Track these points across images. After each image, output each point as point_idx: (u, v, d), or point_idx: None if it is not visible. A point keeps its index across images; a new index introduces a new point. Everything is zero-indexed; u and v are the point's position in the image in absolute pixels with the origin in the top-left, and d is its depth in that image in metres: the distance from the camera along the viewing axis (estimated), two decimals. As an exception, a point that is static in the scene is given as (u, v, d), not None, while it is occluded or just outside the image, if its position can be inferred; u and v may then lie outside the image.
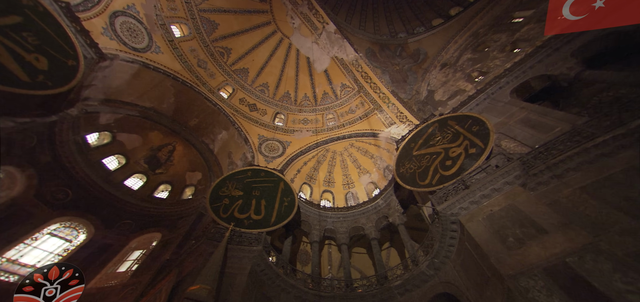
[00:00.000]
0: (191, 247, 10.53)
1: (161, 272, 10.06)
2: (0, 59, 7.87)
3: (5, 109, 8.77)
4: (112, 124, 13.74)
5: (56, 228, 12.02)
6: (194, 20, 17.85)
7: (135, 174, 15.26)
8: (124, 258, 12.67)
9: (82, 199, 12.42)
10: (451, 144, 11.46)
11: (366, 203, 15.12)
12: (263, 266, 9.94)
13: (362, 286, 10.73)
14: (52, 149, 11.24)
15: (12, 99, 8.59)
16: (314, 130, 18.82)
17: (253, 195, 12.52)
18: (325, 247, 14.74)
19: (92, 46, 11.04)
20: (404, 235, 12.36)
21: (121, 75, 13.07)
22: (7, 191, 10.62)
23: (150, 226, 13.97)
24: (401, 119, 17.41)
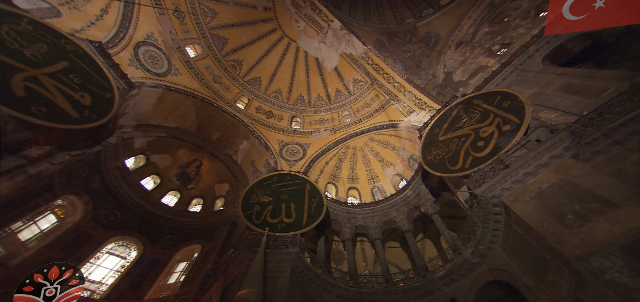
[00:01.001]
0: (232, 254, 10.87)
1: (207, 281, 10.55)
2: (56, 101, 8.72)
3: (62, 144, 9.56)
4: (145, 147, 14.50)
5: (112, 247, 13.11)
6: (206, 38, 18.36)
7: (170, 192, 16.04)
8: (171, 270, 13.54)
9: (129, 219, 13.42)
10: (480, 123, 10.89)
11: (394, 196, 14.78)
12: (302, 267, 10.02)
13: (403, 280, 10.46)
14: (100, 176, 12.21)
15: (66, 135, 9.39)
16: (331, 129, 18.71)
17: (282, 199, 12.66)
18: (358, 244, 14.59)
19: (123, 77, 11.81)
20: (439, 224, 11.93)
21: (148, 100, 13.75)
22: (72, 217, 11.87)
23: (190, 238, 14.67)
24: (420, 105, 16.83)
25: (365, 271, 13.64)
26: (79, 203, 11.98)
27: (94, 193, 12.36)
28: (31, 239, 10.48)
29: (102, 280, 12.01)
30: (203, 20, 18.07)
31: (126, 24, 13.42)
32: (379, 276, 11.04)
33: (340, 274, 10.99)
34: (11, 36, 8.39)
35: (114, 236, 12.99)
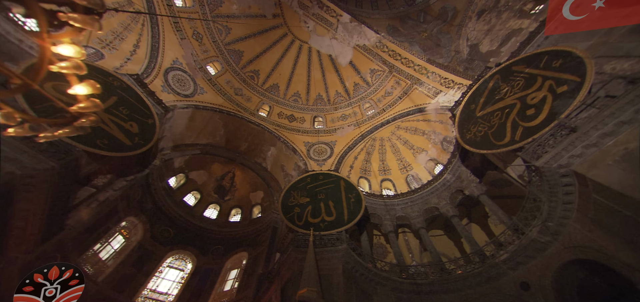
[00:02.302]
0: (282, 257, 10.92)
1: (262, 285, 10.86)
2: (113, 132, 9.61)
3: (119, 171, 10.24)
4: (183, 166, 15.12)
5: (170, 261, 14.03)
6: (223, 55, 18.75)
7: (210, 205, 16.61)
8: (225, 278, 14.13)
9: (180, 234, 14.31)
10: (526, 90, 9.91)
11: (432, 182, 14.00)
12: (352, 263, 9.79)
13: (460, 267, 9.76)
14: (151, 197, 13.04)
15: (121, 162, 10.09)
16: (354, 123, 18.26)
17: (319, 199, 12.49)
18: (400, 235, 13.98)
19: (159, 103, 12.56)
20: (489, 205, 11.06)
21: (180, 121, 14.32)
22: (135, 236, 12.92)
23: (236, 247, 15.18)
24: (447, 84, 15.84)
25: (412, 262, 13.01)
26: (139, 223, 12.96)
27: (148, 213, 13.26)
28: (109, 258, 11.62)
29: (168, 291, 12.96)
30: (219, 37, 18.50)
31: (155, 54, 14.14)
32: (432, 266, 10.42)
33: (391, 267, 10.53)
34: None
35: (170, 250, 13.83)
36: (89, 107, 3.29)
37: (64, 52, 2.89)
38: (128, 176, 10.98)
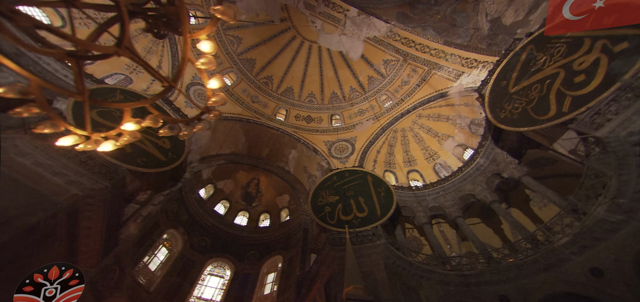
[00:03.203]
0: (320, 257, 10.64)
1: (302, 286, 10.80)
2: (149, 150, 10.13)
3: (156, 187, 10.49)
4: (211, 177, 15.31)
5: (211, 269, 14.33)
6: (237, 65, 18.83)
7: (239, 213, 16.74)
8: (263, 282, 14.24)
9: (216, 242, 14.64)
10: (571, 56, 8.88)
11: (463, 168, 13.09)
12: (393, 258, 9.33)
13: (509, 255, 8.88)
14: (186, 209, 13.37)
15: (157, 178, 10.30)
16: (373, 117, 17.63)
17: (348, 196, 12.05)
18: (435, 227, 13.16)
19: (184, 118, 12.56)
20: (533, 186, 10.10)
21: (205, 134, 14.51)
22: (176, 247, 13.37)
23: (270, 251, 15.24)
24: (469, 65, 14.82)
25: (452, 253, 12.17)
26: (178, 235, 13.37)
27: (185, 224, 13.68)
28: (157, 268, 12.12)
29: (212, 298, 13.26)
30: (231, 49, 18.60)
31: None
32: (477, 255, 9.60)
33: (431, 260, 9.85)
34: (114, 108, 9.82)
35: (209, 258, 14.10)
36: (218, 101, 3.60)
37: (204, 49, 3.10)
38: (164, 191, 11.35)
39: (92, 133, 3.20)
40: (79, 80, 2.75)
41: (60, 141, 3.07)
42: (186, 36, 2.80)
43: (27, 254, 6.30)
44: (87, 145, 3.19)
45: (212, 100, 3.59)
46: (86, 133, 3.13)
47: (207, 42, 3.09)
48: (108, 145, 3.32)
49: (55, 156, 7.40)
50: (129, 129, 3.40)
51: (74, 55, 2.64)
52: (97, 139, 3.26)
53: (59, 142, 3.07)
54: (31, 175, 6.79)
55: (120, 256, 8.98)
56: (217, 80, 3.52)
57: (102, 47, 2.64)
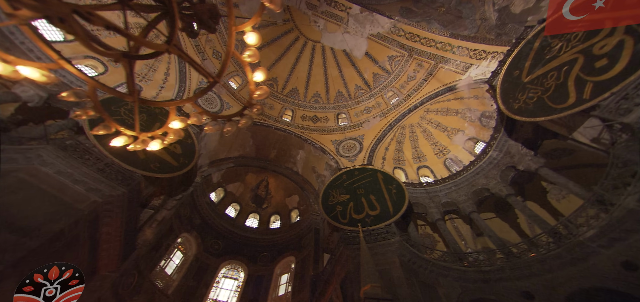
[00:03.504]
0: (334, 256, 10.56)
1: (317, 286, 10.76)
2: (161, 156, 10.21)
3: (169, 191, 10.52)
4: (221, 180, 15.31)
5: (225, 271, 14.38)
6: (242, 68, 18.69)
7: (250, 215, 16.72)
8: (277, 284, 14.17)
9: (229, 245, 14.68)
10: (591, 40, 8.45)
11: (475, 162, 12.69)
12: (408, 255, 9.10)
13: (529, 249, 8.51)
14: (198, 213, 13.42)
15: (169, 183, 10.32)
16: (380, 114, 17.33)
17: (358, 194, 11.83)
18: (448, 223, 12.80)
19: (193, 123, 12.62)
20: (552, 178, 9.70)
21: (213, 137, 14.47)
22: (190, 251, 13.39)
23: (282, 252, 15.21)
24: (478, 56, 14.40)
25: (467, 249, 11.79)
26: (191, 238, 13.43)
27: (198, 228, 13.78)
28: (173, 272, 12.20)
29: (227, 300, 13.29)
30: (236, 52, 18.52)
31: (183, 78, 14.51)
32: (495, 251, 9.23)
33: (447, 256, 9.55)
34: (126, 114, 10.15)
35: (223, 261, 14.13)
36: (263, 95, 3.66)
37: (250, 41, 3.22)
38: (177, 195, 11.33)
39: (140, 133, 3.38)
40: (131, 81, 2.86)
41: (113, 142, 3.30)
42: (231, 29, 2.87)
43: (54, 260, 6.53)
44: (136, 145, 3.36)
45: (256, 93, 3.65)
46: (135, 133, 3.33)
47: (253, 34, 3.19)
48: (156, 145, 3.48)
49: (76, 165, 7.58)
50: (176, 127, 3.53)
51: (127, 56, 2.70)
52: (145, 139, 3.45)
53: (112, 142, 3.30)
54: (55, 183, 6.95)
55: (138, 260, 9.09)
56: (261, 73, 3.55)
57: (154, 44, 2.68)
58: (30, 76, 2.35)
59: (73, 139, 8.21)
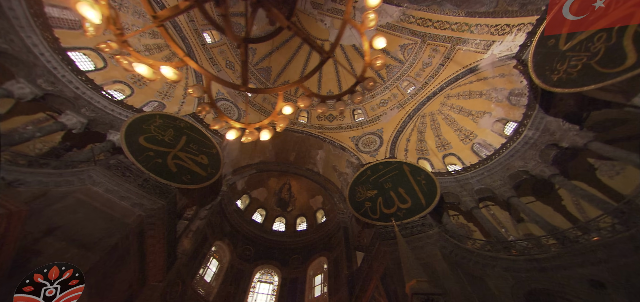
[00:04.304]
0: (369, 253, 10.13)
1: (354, 284, 10.53)
2: (191, 167, 10.37)
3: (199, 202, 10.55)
4: (245, 187, 15.31)
5: (259, 276, 14.38)
6: (254, 75, 18.69)
7: (276, 219, 16.61)
8: (312, 285, 13.95)
9: (260, 250, 14.79)
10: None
11: (508, 144, 11.67)
12: (450, 247, 8.47)
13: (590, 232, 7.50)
14: (227, 221, 13.61)
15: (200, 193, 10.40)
16: (397, 105, 16.54)
17: (386, 188, 11.24)
18: (483, 211, 11.83)
19: (215, 133, 12.81)
20: (608, 152, 8.62)
21: (234, 146, 14.48)
22: (225, 258, 13.51)
23: (312, 253, 15.08)
24: (500, 32, 13.26)
25: (509, 236, 10.80)
26: (224, 246, 13.53)
27: (228, 235, 13.86)
28: (212, 279, 12.33)
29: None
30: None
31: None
32: (546, 238, 8.29)
33: (487, 245, 8.74)
34: (156, 131, 10.38)
35: (256, 266, 14.13)
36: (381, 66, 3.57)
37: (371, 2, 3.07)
38: (206, 205, 11.40)
39: (248, 125, 3.56)
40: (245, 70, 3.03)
41: (227, 135, 3.59)
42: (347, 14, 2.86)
43: (112, 272, 6.85)
44: (247, 136, 3.55)
45: (378, 63, 3.56)
46: (243, 126, 3.52)
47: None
48: (266, 134, 3.58)
49: (120, 182, 7.88)
50: (288, 112, 3.57)
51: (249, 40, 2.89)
52: (252, 130, 3.61)
53: (227, 135, 3.59)
54: (105, 201, 7.30)
55: (180, 269, 9.37)
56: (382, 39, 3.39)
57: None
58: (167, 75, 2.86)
59: (115, 158, 8.46)
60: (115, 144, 9.50)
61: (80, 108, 9.63)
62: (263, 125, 3.53)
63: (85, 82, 10.16)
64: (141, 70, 2.66)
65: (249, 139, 3.55)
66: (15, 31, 8.46)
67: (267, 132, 3.51)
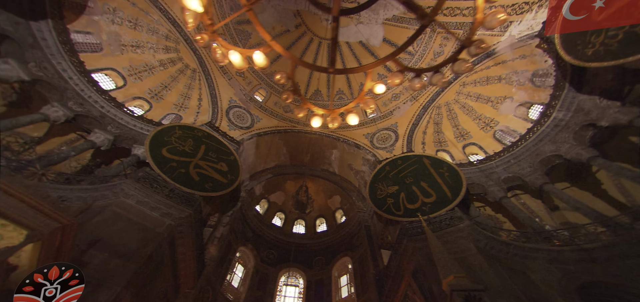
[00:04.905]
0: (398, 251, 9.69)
1: (384, 283, 10.15)
2: (212, 175, 10.30)
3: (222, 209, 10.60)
4: (263, 192, 15.24)
5: (284, 279, 14.19)
6: (264, 81, 18.66)
7: (296, 222, 16.43)
8: (338, 286, 13.65)
9: (282, 254, 14.72)
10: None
11: (535, 128, 10.87)
12: (484, 240, 7.99)
13: None
14: (248, 226, 13.74)
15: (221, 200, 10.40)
16: (410, 98, 15.87)
17: (407, 183, 10.72)
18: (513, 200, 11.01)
19: (232, 140, 13.33)
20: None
21: (250, 151, 14.42)
22: (249, 263, 13.48)
23: (335, 254, 14.92)
24: (518, 11, 12.38)
25: (546, 226, 9.94)
26: (248, 251, 13.51)
27: (251, 240, 13.82)
28: (239, 285, 12.32)
29: None
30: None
31: (215, 100, 14.75)
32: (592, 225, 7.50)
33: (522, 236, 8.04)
34: (176, 142, 10.48)
35: (280, 269, 13.91)
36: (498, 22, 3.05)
37: None
38: (228, 212, 11.40)
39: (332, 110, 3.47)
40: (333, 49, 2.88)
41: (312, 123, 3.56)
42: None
43: (150, 281, 7.02)
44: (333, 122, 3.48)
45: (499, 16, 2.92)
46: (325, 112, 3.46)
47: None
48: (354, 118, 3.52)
49: (149, 193, 8.04)
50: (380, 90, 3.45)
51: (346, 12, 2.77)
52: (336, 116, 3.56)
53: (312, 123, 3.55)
54: (137, 212, 7.46)
55: (209, 276, 9.55)
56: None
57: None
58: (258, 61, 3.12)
59: (142, 171, 8.57)
60: (139, 157, 9.69)
61: (106, 125, 9.91)
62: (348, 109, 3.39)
63: (109, 101, 10.46)
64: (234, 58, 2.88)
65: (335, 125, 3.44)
66: (47, 59, 8.99)
67: (354, 115, 3.40)
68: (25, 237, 3.70)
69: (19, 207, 3.70)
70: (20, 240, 3.67)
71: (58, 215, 4.13)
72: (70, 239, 4.40)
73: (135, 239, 6.65)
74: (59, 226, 4.10)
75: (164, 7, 12.85)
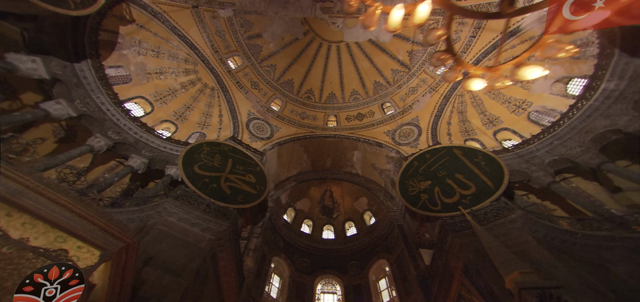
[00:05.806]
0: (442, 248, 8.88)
1: (431, 283, 9.16)
2: (241, 187, 10.22)
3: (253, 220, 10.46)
4: (289, 200, 14.99)
5: (321, 287, 13.71)
6: (278, 90, 18.59)
7: (324, 228, 16.01)
8: (377, 290, 12.95)
9: (315, 261, 14.46)
10: None
11: (581, 104, 9.62)
12: (543, 230, 7.19)
13: None
14: (279, 235, 13.80)
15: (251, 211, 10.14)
16: (428, 90, 15.03)
17: (440, 177, 9.90)
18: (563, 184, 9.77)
19: (255, 152, 13.26)
20: None
21: (272, 161, 14.24)
22: (285, 273, 13.21)
23: (370, 257, 14.30)
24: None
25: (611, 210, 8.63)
26: (282, 261, 13.15)
27: (283, 250, 13.34)
28: (277, 295, 12.01)
29: None
30: (269, 77, 18.49)
31: (235, 115, 14.81)
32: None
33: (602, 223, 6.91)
34: (206, 158, 10.40)
35: (315, 277, 13.47)
36: None
37: None
38: (258, 223, 11.23)
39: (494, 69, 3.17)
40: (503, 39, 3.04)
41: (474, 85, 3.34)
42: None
43: (199, 296, 7.06)
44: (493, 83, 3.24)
45: None
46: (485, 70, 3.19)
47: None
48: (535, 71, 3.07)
49: (189, 209, 8.13)
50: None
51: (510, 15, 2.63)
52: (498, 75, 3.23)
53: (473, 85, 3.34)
54: (180, 229, 7.56)
55: (249, 288, 9.45)
56: None
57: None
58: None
59: (181, 189, 8.60)
60: (172, 177, 9.81)
61: (141, 150, 10.21)
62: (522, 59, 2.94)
63: (141, 127, 10.82)
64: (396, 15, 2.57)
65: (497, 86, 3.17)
66: (89, 95, 9.64)
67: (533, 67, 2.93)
68: (98, 257, 3.83)
69: (91, 229, 3.86)
70: (94, 261, 3.79)
71: (123, 235, 4.24)
72: (133, 258, 4.50)
73: (181, 256, 6.68)
74: (123, 245, 4.21)
75: (181, 32, 13.20)
